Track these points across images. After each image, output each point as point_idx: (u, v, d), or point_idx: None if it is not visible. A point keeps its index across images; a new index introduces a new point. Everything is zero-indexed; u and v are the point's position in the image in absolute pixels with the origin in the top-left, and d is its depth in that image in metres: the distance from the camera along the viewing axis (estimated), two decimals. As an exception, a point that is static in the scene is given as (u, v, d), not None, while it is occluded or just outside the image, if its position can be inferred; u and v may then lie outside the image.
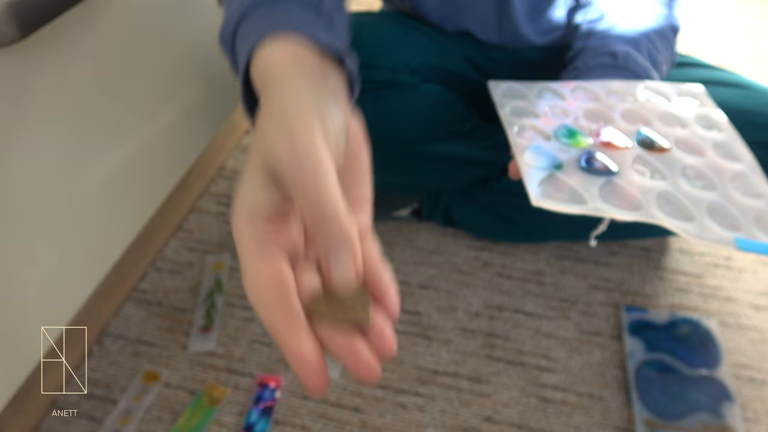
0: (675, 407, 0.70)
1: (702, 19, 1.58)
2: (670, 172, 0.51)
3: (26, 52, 0.57)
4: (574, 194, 0.48)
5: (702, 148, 0.54)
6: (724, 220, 0.48)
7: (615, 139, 0.54)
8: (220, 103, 0.99)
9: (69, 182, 0.66)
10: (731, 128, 0.57)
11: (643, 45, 0.68)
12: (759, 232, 0.47)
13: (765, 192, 0.51)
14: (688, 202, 0.49)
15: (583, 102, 0.59)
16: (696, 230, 0.46)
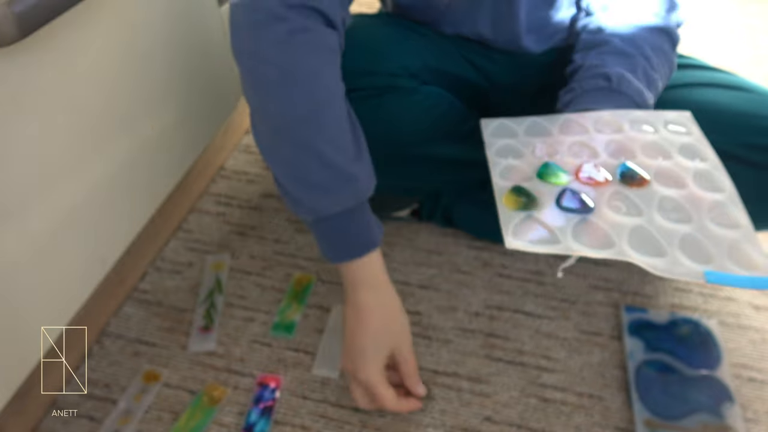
0: (675, 407, 0.70)
1: (702, 20, 1.58)
2: (647, 207, 0.52)
3: (26, 52, 0.57)
4: (548, 234, 0.49)
5: (682, 180, 0.55)
6: (697, 252, 0.48)
7: (595, 174, 0.54)
8: (220, 104, 0.99)
9: (68, 182, 0.66)
10: (715, 157, 0.57)
11: (638, 64, 0.68)
12: (730, 263, 0.47)
13: (742, 222, 0.51)
14: (660, 237, 0.49)
15: (570, 136, 0.60)
16: (666, 266, 0.47)
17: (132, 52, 0.73)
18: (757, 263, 0.47)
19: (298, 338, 0.80)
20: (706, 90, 0.75)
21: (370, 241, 0.66)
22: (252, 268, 0.90)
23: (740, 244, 0.49)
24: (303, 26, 0.58)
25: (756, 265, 0.47)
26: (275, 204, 1.00)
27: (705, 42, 1.49)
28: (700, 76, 0.77)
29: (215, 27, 0.92)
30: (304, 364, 0.77)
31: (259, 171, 1.07)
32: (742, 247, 0.48)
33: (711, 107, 0.72)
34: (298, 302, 0.84)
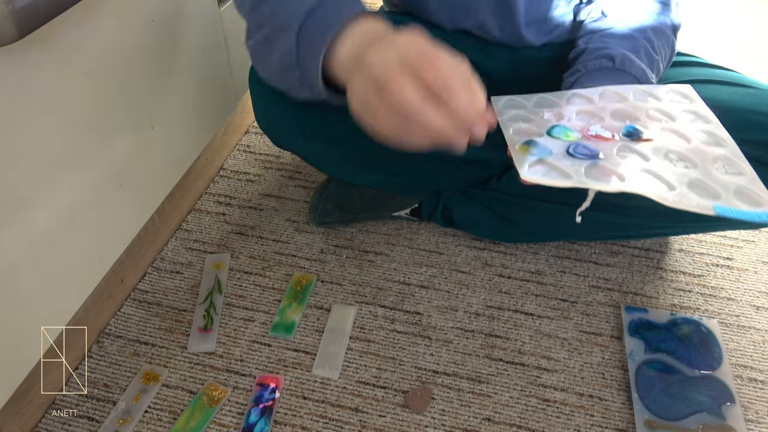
0: (675, 408, 0.70)
1: (704, 17, 1.57)
2: (654, 156, 0.53)
3: (25, 52, 0.56)
4: (561, 173, 0.50)
5: (686, 136, 0.56)
6: (704, 192, 0.50)
7: (602, 132, 0.56)
8: (220, 103, 0.98)
9: (68, 182, 0.66)
10: (717, 120, 0.58)
11: (640, 46, 0.68)
12: (738, 201, 0.48)
13: (747, 171, 0.52)
14: (668, 177, 0.50)
15: (577, 106, 0.62)
16: (675, 197, 0.48)
17: (131, 51, 0.73)
18: (764, 200, 0.49)
19: (298, 338, 0.80)
20: (706, 87, 0.75)
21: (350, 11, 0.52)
22: (252, 268, 0.90)
23: (746, 188, 0.50)
24: None
25: (763, 202, 0.48)
26: (275, 204, 1.00)
27: (707, 40, 1.48)
28: (700, 73, 0.77)
29: (215, 27, 0.92)
30: (304, 364, 0.77)
31: (259, 171, 1.07)
32: (747, 190, 0.50)
33: (711, 104, 0.72)
34: (298, 302, 0.84)
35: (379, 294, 0.86)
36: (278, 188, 1.03)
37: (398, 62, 0.43)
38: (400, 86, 0.43)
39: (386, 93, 0.43)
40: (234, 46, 0.98)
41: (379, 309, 0.84)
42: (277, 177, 1.06)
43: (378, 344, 0.79)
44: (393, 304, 0.84)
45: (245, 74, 1.02)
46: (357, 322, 0.82)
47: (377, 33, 0.50)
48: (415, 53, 0.43)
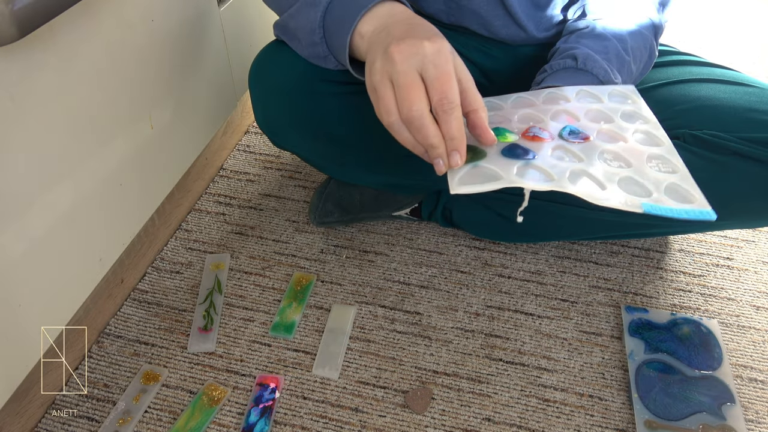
0: (676, 408, 0.70)
1: (702, 16, 1.58)
2: (587, 156, 0.53)
3: (25, 51, 0.56)
4: (492, 175, 0.50)
5: (622, 137, 0.56)
6: (636, 189, 0.50)
7: (540, 133, 0.56)
8: (220, 103, 0.98)
9: (68, 182, 0.66)
10: (656, 120, 0.59)
11: (611, 46, 0.69)
12: (667, 198, 0.49)
13: (680, 169, 0.52)
14: (599, 177, 0.51)
15: (520, 109, 0.62)
16: (604, 195, 0.48)
17: (131, 51, 0.73)
18: (694, 198, 0.49)
19: (298, 338, 0.80)
20: (705, 85, 0.75)
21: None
22: (252, 268, 0.90)
23: (677, 185, 0.50)
24: None
25: (692, 199, 0.49)
26: (275, 204, 1.00)
27: (705, 39, 1.48)
28: (699, 72, 0.78)
29: (215, 27, 0.92)
30: (304, 364, 0.77)
31: (259, 171, 1.07)
32: (679, 187, 0.50)
33: (711, 102, 0.73)
34: (298, 302, 0.84)
35: (379, 294, 0.86)
36: (278, 188, 1.03)
37: (418, 69, 0.49)
38: (413, 98, 0.48)
39: (399, 96, 0.49)
40: (234, 46, 0.98)
41: (379, 309, 0.84)
42: (277, 177, 1.06)
43: (378, 344, 0.79)
44: (393, 304, 0.84)
45: (245, 74, 1.02)
46: (357, 322, 0.82)
47: (405, 14, 0.55)
48: (436, 69, 0.49)
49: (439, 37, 0.50)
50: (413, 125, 0.49)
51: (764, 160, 0.68)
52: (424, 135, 0.49)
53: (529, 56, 0.82)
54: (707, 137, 0.70)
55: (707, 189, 0.69)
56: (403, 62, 0.49)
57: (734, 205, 0.72)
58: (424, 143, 0.50)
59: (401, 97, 0.49)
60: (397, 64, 0.49)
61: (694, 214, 0.47)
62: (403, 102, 0.49)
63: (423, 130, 0.49)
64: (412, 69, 0.49)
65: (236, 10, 0.98)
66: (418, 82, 0.49)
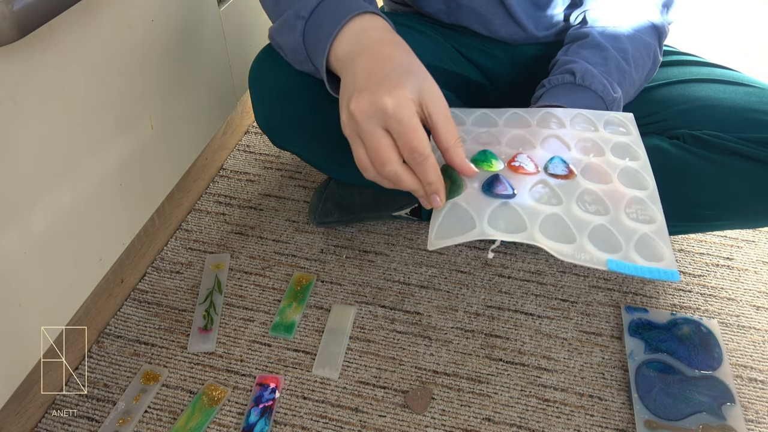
0: (676, 408, 0.70)
1: (702, 17, 1.58)
2: (566, 197, 0.53)
3: (25, 51, 0.56)
4: (468, 220, 0.50)
5: (607, 176, 0.56)
6: (605, 242, 0.50)
7: (526, 164, 0.56)
8: (220, 103, 0.98)
9: (68, 182, 0.66)
10: (646, 158, 0.59)
11: (611, 57, 0.69)
12: (635, 254, 0.49)
13: (657, 219, 0.52)
14: (572, 225, 0.51)
15: (513, 129, 0.62)
16: (571, 252, 0.48)
17: (131, 51, 0.73)
18: (663, 255, 0.49)
19: (298, 338, 0.80)
20: (705, 85, 0.75)
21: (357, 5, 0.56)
22: (252, 268, 0.90)
23: (650, 238, 0.50)
24: None
25: (661, 257, 0.49)
26: (275, 204, 1.00)
27: (705, 39, 1.48)
28: (699, 72, 0.78)
29: (215, 27, 0.92)
30: (304, 364, 0.77)
31: (259, 171, 1.07)
32: (651, 241, 0.50)
33: (710, 102, 0.73)
34: (298, 302, 0.84)
35: (379, 294, 0.86)
36: (278, 188, 1.03)
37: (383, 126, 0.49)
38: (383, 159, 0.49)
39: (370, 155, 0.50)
40: (234, 46, 0.98)
41: (379, 309, 0.84)
42: (277, 177, 1.06)
43: (378, 344, 0.79)
44: (393, 304, 0.84)
45: (245, 74, 1.02)
46: (357, 322, 0.82)
47: (376, 34, 0.54)
48: (399, 125, 0.48)
49: (400, 85, 0.48)
50: (390, 180, 0.50)
51: (764, 161, 0.68)
52: (402, 186, 0.50)
53: (529, 56, 0.82)
54: (707, 137, 0.70)
55: (707, 189, 0.69)
56: (365, 122, 0.48)
57: (734, 205, 0.72)
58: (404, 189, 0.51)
59: (372, 157, 0.50)
60: (360, 125, 0.49)
61: (659, 274, 0.47)
62: (374, 161, 0.50)
63: (399, 183, 0.50)
64: (377, 128, 0.48)
65: (236, 10, 0.98)
66: (386, 140, 0.49)
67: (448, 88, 0.80)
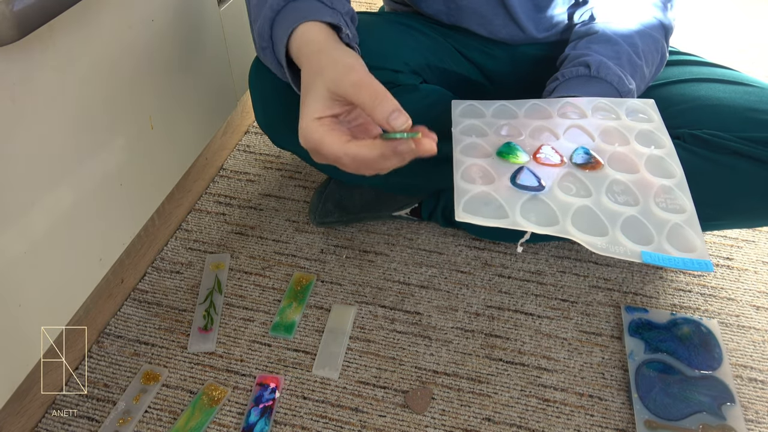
0: (675, 408, 0.70)
1: (702, 16, 1.57)
2: (596, 189, 0.53)
3: (24, 52, 0.56)
4: (498, 208, 0.50)
5: (635, 165, 0.56)
6: (637, 234, 0.50)
7: (551, 156, 0.56)
8: (220, 103, 0.98)
9: (68, 182, 0.66)
10: (671, 145, 0.58)
11: (623, 51, 0.68)
12: (668, 245, 0.49)
13: (687, 208, 0.52)
14: (604, 218, 0.51)
15: (535, 120, 0.62)
16: (604, 244, 0.48)
17: (131, 51, 0.73)
18: (695, 246, 0.49)
19: (298, 338, 0.80)
20: (705, 85, 0.75)
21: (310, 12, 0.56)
22: (252, 268, 0.90)
23: (681, 227, 0.50)
24: None
25: (694, 247, 0.49)
26: (275, 204, 1.00)
27: (705, 39, 1.48)
28: (699, 72, 0.78)
29: (215, 27, 0.92)
30: (304, 364, 0.77)
31: (259, 171, 1.07)
32: (682, 231, 0.50)
33: (710, 102, 0.73)
34: (298, 302, 0.84)
35: (379, 294, 0.86)
36: (278, 188, 1.03)
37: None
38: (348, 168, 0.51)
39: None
40: (234, 46, 0.98)
41: (379, 309, 0.84)
42: (277, 177, 1.06)
43: (378, 344, 0.79)
44: (393, 304, 0.84)
45: (245, 74, 1.02)
46: (357, 322, 0.82)
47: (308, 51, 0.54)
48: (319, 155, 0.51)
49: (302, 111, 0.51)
50: (384, 171, 0.52)
51: (764, 160, 0.68)
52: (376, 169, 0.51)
53: (529, 56, 0.82)
54: (707, 137, 0.70)
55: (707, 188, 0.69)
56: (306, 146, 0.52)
57: (734, 205, 0.72)
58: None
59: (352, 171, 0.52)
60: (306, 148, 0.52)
61: (693, 265, 0.47)
62: (357, 173, 0.52)
63: (389, 168, 0.51)
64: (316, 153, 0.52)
65: (236, 10, 0.98)
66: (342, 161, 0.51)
67: (447, 87, 0.80)
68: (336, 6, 0.58)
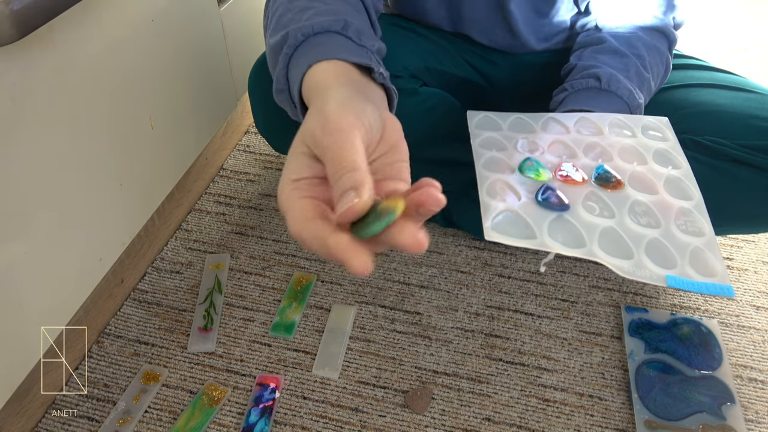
0: (675, 408, 0.70)
1: (702, 20, 1.57)
2: (618, 209, 0.54)
3: (25, 52, 0.56)
4: (525, 228, 0.51)
5: (654, 186, 0.57)
6: (661, 257, 0.51)
7: (573, 174, 0.56)
8: (220, 103, 0.99)
9: (68, 182, 0.66)
10: (687, 166, 0.59)
11: (631, 64, 0.68)
12: (690, 269, 0.50)
13: (706, 231, 0.53)
14: (628, 240, 0.51)
15: (552, 135, 0.62)
16: (631, 268, 0.49)
17: (131, 51, 0.73)
18: (715, 270, 0.50)
19: (298, 338, 0.80)
20: (706, 90, 0.75)
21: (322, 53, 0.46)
22: (252, 268, 0.90)
23: (702, 251, 0.51)
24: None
25: (714, 272, 0.50)
26: (275, 204, 1.00)
27: (705, 42, 1.48)
28: (700, 76, 0.77)
29: (215, 27, 0.92)
30: (304, 364, 0.77)
31: (259, 171, 1.07)
32: (703, 255, 0.51)
33: (711, 108, 0.72)
34: (298, 302, 0.84)
35: (379, 294, 0.86)
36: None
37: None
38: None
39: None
40: (234, 46, 0.98)
41: (379, 309, 0.84)
42: (277, 177, 1.06)
43: (378, 344, 0.79)
44: (393, 304, 0.84)
45: (245, 74, 1.02)
46: (357, 322, 0.82)
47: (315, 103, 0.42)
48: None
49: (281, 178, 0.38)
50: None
51: (764, 168, 0.68)
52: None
53: (530, 64, 0.82)
54: (708, 143, 0.70)
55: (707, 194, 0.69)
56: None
57: (734, 211, 0.72)
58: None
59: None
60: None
61: (715, 290, 0.48)
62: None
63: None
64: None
65: (236, 10, 0.98)
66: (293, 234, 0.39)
67: (447, 90, 0.80)
68: (365, 42, 0.48)
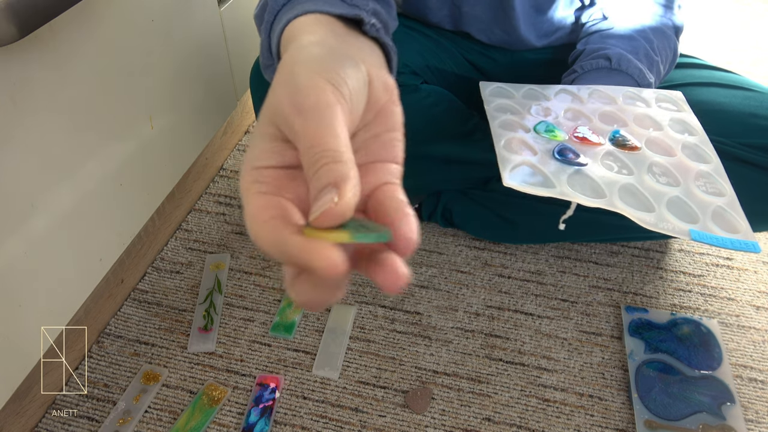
0: (675, 408, 0.70)
1: (702, 19, 1.57)
2: (637, 169, 0.53)
3: (25, 52, 0.56)
4: (544, 179, 0.50)
5: (671, 149, 0.56)
6: (683, 213, 0.50)
7: (589, 135, 0.56)
8: (220, 103, 0.98)
9: (68, 182, 0.66)
10: (704, 133, 0.59)
11: (640, 47, 0.68)
12: (714, 226, 0.49)
13: (727, 192, 0.52)
14: (649, 195, 0.51)
15: (565, 103, 0.62)
16: (653, 220, 0.49)
17: (132, 51, 0.73)
18: (739, 227, 0.49)
19: (298, 338, 0.80)
20: (706, 89, 0.75)
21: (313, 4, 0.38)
22: (252, 268, 0.90)
23: (724, 210, 0.51)
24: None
25: (738, 229, 0.49)
26: (275, 204, 1.00)
27: (705, 42, 1.48)
28: (700, 75, 0.78)
29: (215, 27, 0.92)
30: (304, 364, 0.77)
31: (259, 171, 1.07)
32: (724, 214, 0.50)
33: (711, 107, 0.73)
34: (298, 302, 0.84)
35: (379, 294, 0.86)
36: (278, 188, 1.03)
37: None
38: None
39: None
40: (234, 46, 0.98)
41: (379, 309, 0.84)
42: (277, 177, 1.06)
43: (378, 344, 0.79)
44: (393, 304, 0.84)
45: (245, 74, 1.02)
46: (357, 322, 0.82)
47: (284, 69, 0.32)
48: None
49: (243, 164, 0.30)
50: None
51: (764, 166, 0.68)
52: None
53: (530, 61, 0.83)
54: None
55: None
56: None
57: None
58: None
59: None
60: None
61: (740, 245, 0.48)
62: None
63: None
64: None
65: (236, 10, 0.98)
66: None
67: (447, 87, 0.81)
68: (357, 2, 0.41)
